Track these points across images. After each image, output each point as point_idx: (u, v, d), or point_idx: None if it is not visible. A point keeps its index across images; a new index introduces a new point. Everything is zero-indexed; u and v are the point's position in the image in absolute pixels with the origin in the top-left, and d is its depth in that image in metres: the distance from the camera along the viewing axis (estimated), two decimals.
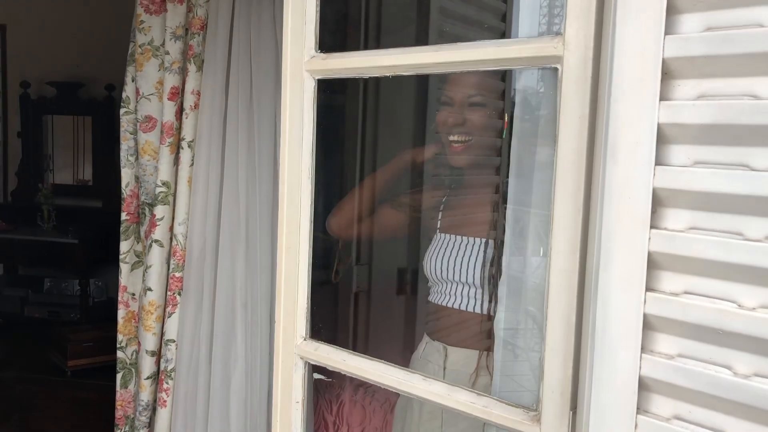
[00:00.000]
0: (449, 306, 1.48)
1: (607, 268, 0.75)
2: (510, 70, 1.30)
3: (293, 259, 1.25)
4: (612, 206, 0.75)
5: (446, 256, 1.48)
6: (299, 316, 1.25)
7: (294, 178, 1.23)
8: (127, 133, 1.93)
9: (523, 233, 1.23)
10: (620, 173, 0.74)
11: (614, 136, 0.74)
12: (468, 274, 1.44)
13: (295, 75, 1.21)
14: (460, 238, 1.49)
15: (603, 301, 0.75)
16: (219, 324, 1.81)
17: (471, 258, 1.45)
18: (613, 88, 0.74)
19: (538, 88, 1.04)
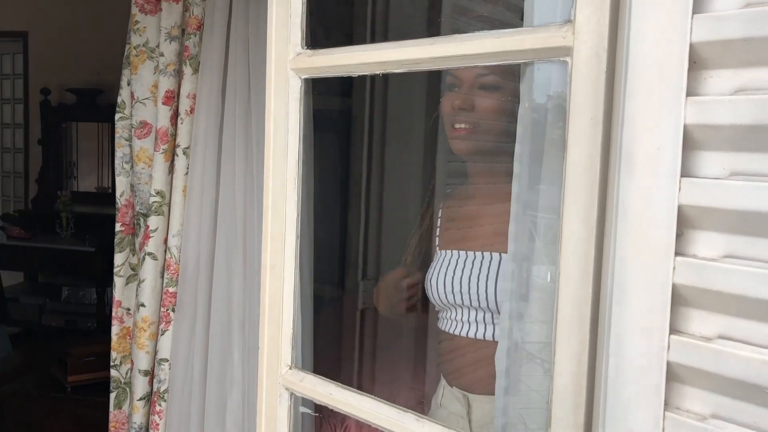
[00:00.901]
0: (461, 335, 1.29)
1: (622, 303, 0.61)
2: None
3: (277, 278, 1.12)
4: (627, 227, 0.61)
5: (449, 275, 1.30)
6: (284, 342, 1.13)
7: (279, 189, 1.11)
8: (122, 140, 1.84)
9: (555, 240, 1.07)
10: (637, 187, 0.60)
11: (630, 140, 0.60)
12: (479, 297, 1.26)
13: (279, 74, 1.09)
14: (465, 254, 1.31)
15: (617, 344, 0.61)
16: (214, 343, 1.70)
17: (480, 277, 1.28)
18: (628, 81, 0.61)
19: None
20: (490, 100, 1.23)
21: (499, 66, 1.24)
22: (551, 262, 1.10)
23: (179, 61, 1.72)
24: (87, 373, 2.51)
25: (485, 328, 1.27)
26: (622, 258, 0.61)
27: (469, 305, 1.27)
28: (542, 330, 1.13)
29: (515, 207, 1.36)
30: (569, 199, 0.76)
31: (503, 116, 1.26)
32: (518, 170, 0.91)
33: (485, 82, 1.23)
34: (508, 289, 1.13)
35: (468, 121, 1.25)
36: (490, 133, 1.28)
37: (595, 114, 0.74)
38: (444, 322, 1.35)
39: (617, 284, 0.61)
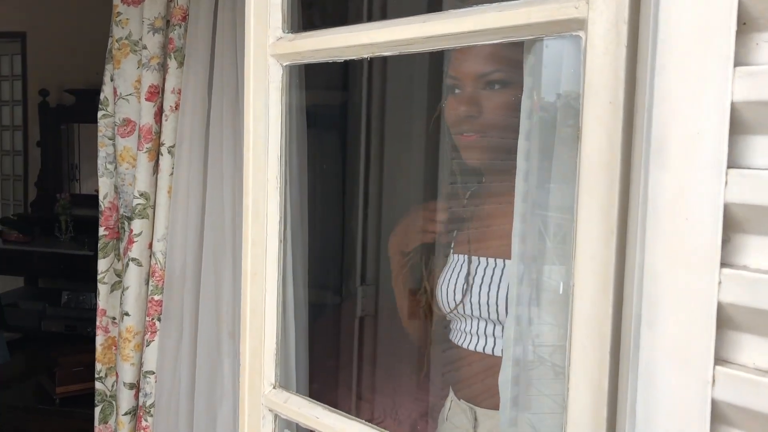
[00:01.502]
0: (472, 349, 1.17)
1: (653, 325, 0.49)
2: None
3: (259, 287, 1.01)
4: (659, 232, 0.49)
5: (463, 284, 1.18)
6: (267, 358, 1.02)
7: (259, 188, 1.00)
8: (106, 139, 1.73)
9: (566, 240, 0.96)
10: (671, 182, 0.48)
11: (661, 125, 0.49)
12: (497, 309, 1.14)
13: (258, 62, 0.98)
14: (484, 260, 1.17)
15: (647, 377, 0.49)
16: (202, 354, 1.59)
17: (500, 287, 1.13)
18: (658, 53, 0.49)
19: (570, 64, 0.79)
20: (497, 100, 1.11)
21: (504, 59, 1.12)
22: (560, 261, 0.99)
23: (163, 54, 1.62)
24: (76, 384, 2.41)
25: (495, 342, 1.15)
26: (653, 270, 0.49)
27: (479, 317, 1.16)
28: (551, 332, 1.02)
29: (522, 206, 1.24)
30: (584, 199, 0.65)
31: (515, 115, 1.14)
32: (525, 167, 0.80)
33: (491, 80, 1.10)
34: (515, 295, 1.01)
35: (477, 128, 1.12)
36: (504, 136, 1.16)
37: (615, 97, 0.63)
38: (455, 334, 1.23)
39: (647, 302, 0.49)
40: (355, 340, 1.76)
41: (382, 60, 1.69)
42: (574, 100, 0.74)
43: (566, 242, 0.98)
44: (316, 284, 1.72)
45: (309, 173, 1.60)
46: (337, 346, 1.84)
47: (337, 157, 1.93)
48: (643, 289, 0.50)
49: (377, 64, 1.71)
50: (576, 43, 0.68)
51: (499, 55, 1.11)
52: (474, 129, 1.12)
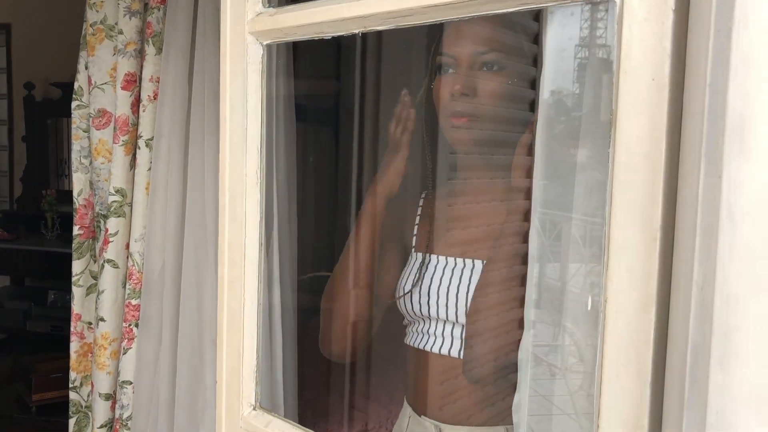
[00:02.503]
0: (431, 350, 1.07)
1: (727, 366, 0.38)
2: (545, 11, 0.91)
3: (237, 297, 0.90)
4: (735, 241, 0.38)
5: (425, 284, 1.08)
6: (246, 376, 0.90)
7: (237, 186, 0.89)
8: (80, 131, 1.61)
9: (559, 237, 0.86)
10: (755, 175, 0.37)
11: (740, 96, 0.38)
12: (458, 311, 1.03)
13: (236, 40, 0.87)
14: (445, 260, 1.08)
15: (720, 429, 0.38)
16: (183, 363, 1.48)
17: (461, 288, 1.04)
18: (737, 3, 0.38)
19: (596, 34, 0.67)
20: (493, 82, 1.01)
21: (503, 40, 1.02)
22: (555, 258, 0.89)
23: (141, 39, 1.50)
24: (53, 391, 2.28)
25: (461, 344, 1.05)
26: (727, 293, 0.38)
27: (446, 319, 1.06)
28: (548, 331, 0.92)
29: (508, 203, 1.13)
30: (619, 197, 0.53)
31: (510, 101, 1.04)
32: (544, 158, 0.68)
33: (487, 60, 1.01)
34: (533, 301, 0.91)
35: (469, 108, 1.02)
36: (495, 122, 1.06)
37: (659, 73, 0.51)
38: (412, 336, 1.13)
39: (719, 334, 0.38)
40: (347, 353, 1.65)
41: (378, 43, 1.58)
42: (604, 79, 0.62)
43: (560, 239, 0.87)
44: (306, 288, 1.61)
45: (299, 168, 1.48)
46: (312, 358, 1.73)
47: (330, 151, 1.82)
48: (713, 317, 0.39)
49: (374, 49, 1.59)
50: (608, 10, 0.57)
51: (498, 35, 1.02)
52: (467, 110, 1.02)
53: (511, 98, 1.04)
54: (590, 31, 0.66)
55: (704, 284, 0.43)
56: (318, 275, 1.72)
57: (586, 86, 0.79)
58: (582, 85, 0.79)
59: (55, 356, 2.54)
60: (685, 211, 0.49)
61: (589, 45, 0.72)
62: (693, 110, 0.48)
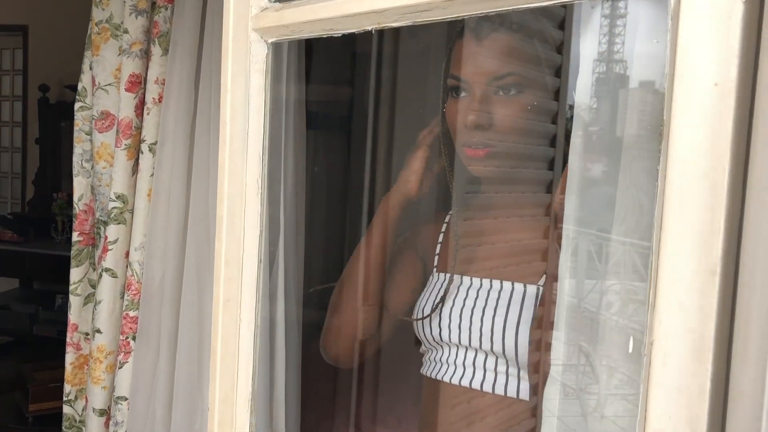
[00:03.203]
0: (451, 381, 0.99)
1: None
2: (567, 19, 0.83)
3: (232, 317, 0.82)
4: None
5: (456, 306, 0.99)
6: (240, 405, 0.83)
7: (236, 196, 0.81)
8: (82, 134, 1.55)
9: (576, 252, 0.79)
10: None
11: None
12: (494, 338, 0.94)
13: (238, 37, 0.79)
14: (470, 280, 1.00)
15: None
16: (181, 378, 1.40)
17: (498, 312, 0.95)
18: None
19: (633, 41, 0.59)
20: (512, 107, 0.92)
21: (521, 57, 0.93)
22: (571, 275, 0.82)
23: (147, 39, 1.44)
24: (51, 401, 2.22)
25: (484, 376, 0.97)
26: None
27: (468, 345, 0.97)
28: (562, 350, 0.85)
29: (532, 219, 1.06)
30: (671, 223, 0.45)
31: (530, 126, 0.95)
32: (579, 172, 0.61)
33: (504, 84, 0.91)
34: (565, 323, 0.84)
35: (486, 140, 0.94)
36: (517, 152, 0.98)
37: (724, 76, 0.43)
38: (429, 366, 1.05)
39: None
40: (355, 368, 1.57)
41: (395, 48, 1.51)
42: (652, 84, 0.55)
43: (576, 255, 0.80)
44: (312, 303, 1.53)
45: (308, 177, 1.41)
46: (334, 372, 1.65)
47: (342, 160, 1.75)
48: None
49: (391, 54, 1.52)
50: (658, 4, 0.49)
51: (515, 53, 0.92)
52: (483, 142, 0.93)
53: (532, 120, 0.95)
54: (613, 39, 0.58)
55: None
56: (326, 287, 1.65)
57: (605, 100, 0.72)
58: (600, 100, 0.72)
59: (53, 365, 2.48)
60: (754, 241, 0.41)
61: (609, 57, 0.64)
62: (767, 122, 0.40)
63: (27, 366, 2.54)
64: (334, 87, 1.85)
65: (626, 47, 0.67)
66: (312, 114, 1.48)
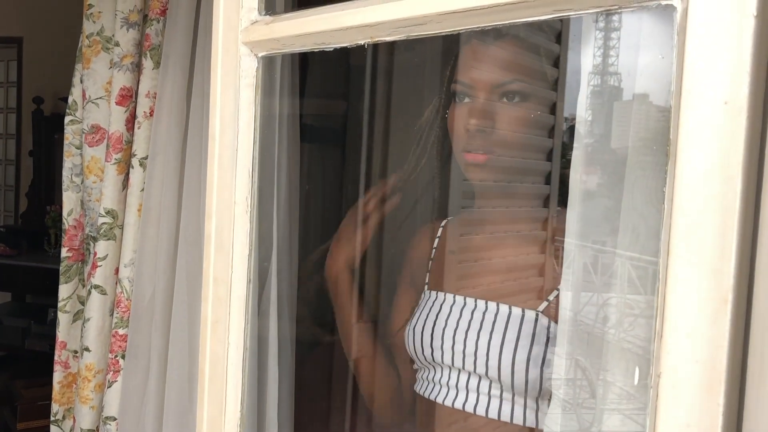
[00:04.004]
0: (443, 403, 0.97)
1: None
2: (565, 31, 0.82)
3: (220, 339, 0.80)
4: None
5: (439, 325, 0.97)
6: (228, 428, 0.80)
7: (225, 213, 0.79)
8: (72, 147, 1.53)
9: (571, 266, 0.76)
10: None
11: None
12: (489, 363, 0.92)
13: (228, 51, 0.77)
14: (463, 300, 0.98)
15: None
16: (171, 399, 1.37)
17: (483, 335, 0.93)
18: None
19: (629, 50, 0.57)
20: (515, 114, 0.91)
21: (526, 67, 0.92)
22: (568, 287, 0.81)
23: (138, 52, 1.42)
24: (40, 420, 2.18)
25: (477, 399, 0.95)
26: None
27: (461, 368, 0.95)
28: (561, 364, 0.83)
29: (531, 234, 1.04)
30: (678, 249, 0.43)
31: (532, 134, 0.94)
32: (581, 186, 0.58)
33: (509, 91, 0.91)
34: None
35: (487, 146, 0.93)
36: (518, 156, 0.96)
37: (735, 94, 0.41)
38: (422, 384, 1.03)
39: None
40: (348, 384, 1.54)
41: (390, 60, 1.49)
42: (657, 101, 0.52)
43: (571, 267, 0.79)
44: (306, 320, 1.51)
45: (301, 192, 1.39)
46: (328, 391, 1.62)
47: (335, 175, 1.73)
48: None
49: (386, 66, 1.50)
50: (665, 17, 0.47)
51: (520, 62, 0.91)
52: (484, 147, 0.92)
53: (533, 131, 0.94)
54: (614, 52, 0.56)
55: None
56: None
57: (602, 113, 0.70)
58: (596, 113, 0.70)
59: (43, 382, 2.44)
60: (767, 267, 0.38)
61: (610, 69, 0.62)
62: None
63: (17, 383, 2.50)
64: (327, 100, 1.83)
65: (627, 60, 0.64)
66: (306, 127, 1.46)
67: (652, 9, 0.48)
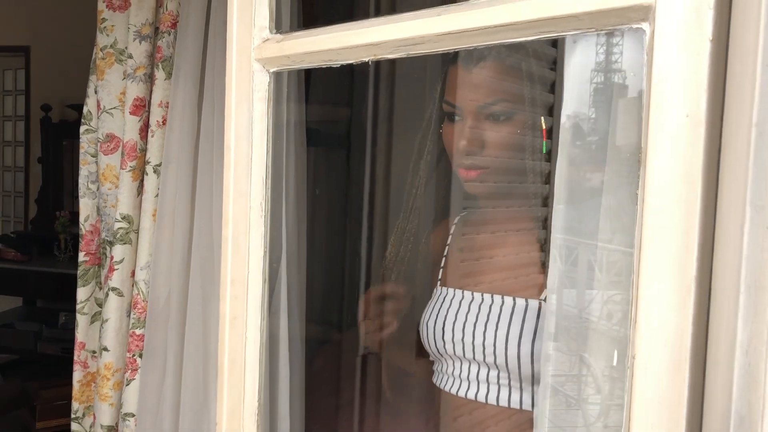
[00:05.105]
0: (456, 393, 1.03)
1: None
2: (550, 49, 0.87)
3: (239, 335, 0.85)
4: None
5: (449, 320, 1.03)
6: (247, 418, 0.86)
7: (241, 218, 0.85)
8: (88, 156, 1.59)
9: (575, 263, 0.82)
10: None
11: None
12: (496, 352, 0.98)
13: (242, 67, 0.83)
14: (471, 295, 1.04)
15: None
16: (187, 396, 1.43)
17: (501, 326, 1.00)
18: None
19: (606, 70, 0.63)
20: (503, 132, 0.96)
21: (509, 86, 0.98)
22: (571, 284, 0.85)
23: (150, 63, 1.48)
24: (58, 419, 2.24)
25: (488, 389, 1.00)
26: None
27: (471, 359, 1.01)
28: (564, 361, 0.87)
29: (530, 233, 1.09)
30: (649, 245, 0.49)
31: (522, 144, 0.99)
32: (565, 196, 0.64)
33: (494, 112, 0.96)
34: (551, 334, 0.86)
35: (479, 163, 0.99)
36: (510, 171, 1.02)
37: (694, 108, 0.47)
38: (440, 377, 1.09)
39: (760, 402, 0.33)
40: (356, 380, 1.60)
41: (392, 69, 1.55)
42: (631, 114, 0.58)
43: (578, 266, 0.83)
44: (314, 319, 1.56)
45: (308, 197, 1.45)
46: (337, 387, 1.68)
47: (341, 179, 1.78)
48: (765, 386, 0.34)
49: (388, 74, 1.56)
50: (636, 39, 0.53)
51: (505, 80, 0.97)
52: (475, 164, 0.98)
53: (523, 142, 0.99)
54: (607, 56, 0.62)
55: (749, 347, 0.38)
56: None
57: (602, 111, 0.75)
58: (598, 110, 0.76)
59: (59, 383, 2.50)
60: (725, 261, 0.44)
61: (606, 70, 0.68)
62: (735, 152, 0.43)
63: (32, 384, 2.56)
64: (332, 106, 1.89)
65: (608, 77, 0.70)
66: (311, 132, 1.52)
67: (625, 31, 0.53)
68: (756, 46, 0.39)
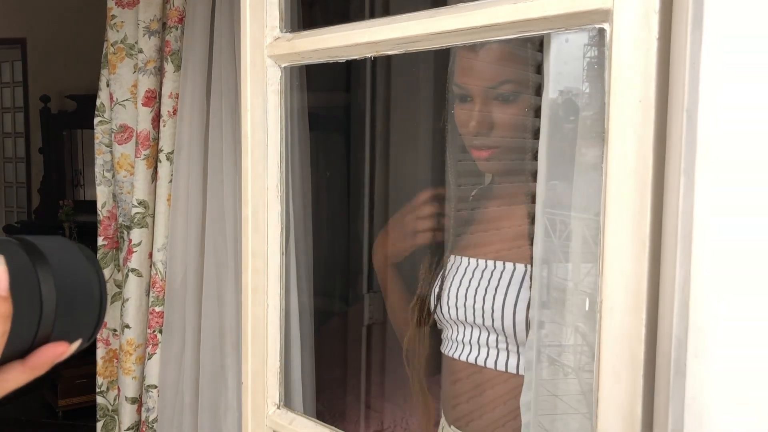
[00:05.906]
0: (461, 359, 1.08)
1: (702, 356, 0.43)
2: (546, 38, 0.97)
3: (260, 303, 0.96)
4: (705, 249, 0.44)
5: (462, 287, 1.09)
6: (270, 377, 0.97)
7: (259, 197, 0.95)
8: (102, 146, 1.68)
9: (570, 237, 0.90)
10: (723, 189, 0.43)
11: (708, 121, 0.43)
12: (494, 316, 1.05)
13: (255, 63, 0.93)
14: (476, 262, 1.10)
15: (695, 413, 0.44)
16: (205, 367, 1.54)
17: (499, 291, 1.06)
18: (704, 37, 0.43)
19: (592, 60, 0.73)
20: (511, 111, 1.02)
21: (515, 67, 1.04)
22: (566, 258, 0.93)
23: (160, 57, 1.57)
24: (79, 396, 2.35)
25: (488, 353, 1.05)
26: (701, 292, 0.43)
27: (473, 323, 1.06)
28: (559, 331, 0.96)
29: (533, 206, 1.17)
30: (612, 208, 0.59)
31: (528, 130, 1.06)
32: (546, 170, 0.74)
33: (501, 93, 1.02)
34: (538, 301, 0.94)
35: (490, 143, 1.04)
36: (519, 149, 1.08)
37: (645, 95, 0.57)
38: (445, 344, 1.14)
39: (695, 330, 0.44)
40: (362, 349, 1.71)
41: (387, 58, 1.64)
42: (597, 99, 0.68)
43: (570, 239, 0.91)
44: (322, 292, 1.67)
45: (312, 178, 1.54)
46: (344, 355, 1.79)
47: (342, 161, 1.88)
48: (688, 315, 0.44)
49: (382, 62, 1.65)
50: (600, 37, 0.62)
51: (510, 64, 1.03)
52: (486, 144, 1.05)
53: (524, 125, 1.05)
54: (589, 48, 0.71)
55: (684, 285, 0.49)
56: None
57: (590, 90, 0.85)
58: (586, 89, 0.84)
59: (79, 362, 2.61)
60: (669, 220, 0.54)
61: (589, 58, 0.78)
62: (675, 130, 0.53)
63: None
64: (331, 93, 1.97)
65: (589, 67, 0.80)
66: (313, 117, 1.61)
67: (591, 31, 0.63)
68: (685, 44, 0.48)
